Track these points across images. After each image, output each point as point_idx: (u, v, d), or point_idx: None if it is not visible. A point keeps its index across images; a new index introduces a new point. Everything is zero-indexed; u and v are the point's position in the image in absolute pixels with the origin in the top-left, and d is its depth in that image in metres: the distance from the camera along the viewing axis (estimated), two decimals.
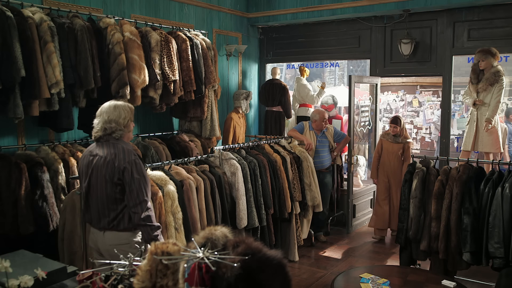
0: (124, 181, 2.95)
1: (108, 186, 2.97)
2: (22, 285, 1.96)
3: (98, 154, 3.02)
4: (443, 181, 4.34)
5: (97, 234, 3.07)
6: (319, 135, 6.06)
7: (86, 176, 3.07)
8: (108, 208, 3.00)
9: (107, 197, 2.99)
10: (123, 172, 2.94)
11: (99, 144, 3.06)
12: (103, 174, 2.97)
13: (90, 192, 3.07)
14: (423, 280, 3.74)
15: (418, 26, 6.45)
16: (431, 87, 12.32)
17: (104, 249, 3.02)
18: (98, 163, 3.00)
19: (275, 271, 1.42)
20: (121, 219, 3.01)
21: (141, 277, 1.45)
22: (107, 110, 3.03)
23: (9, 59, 3.62)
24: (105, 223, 3.02)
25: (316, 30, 7.35)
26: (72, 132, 4.77)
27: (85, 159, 3.11)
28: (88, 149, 3.17)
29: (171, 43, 4.98)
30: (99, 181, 3.00)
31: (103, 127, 3.00)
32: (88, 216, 3.14)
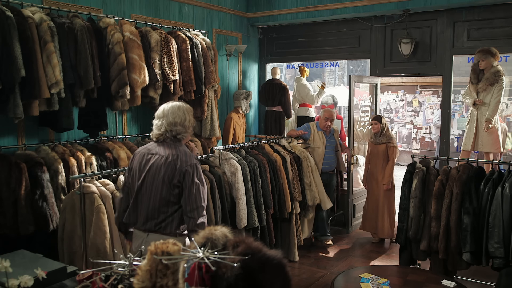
0: (184, 184, 2.90)
1: (165, 187, 2.91)
2: (22, 285, 1.96)
3: (158, 153, 2.97)
4: (443, 181, 4.34)
5: (142, 236, 2.99)
6: (328, 136, 5.97)
7: (140, 175, 2.99)
8: (159, 210, 2.93)
9: (160, 199, 2.92)
10: (184, 175, 2.89)
11: (160, 144, 3.00)
12: (161, 175, 2.91)
13: (141, 191, 2.99)
14: (423, 280, 3.74)
15: (418, 26, 6.45)
16: (431, 87, 12.34)
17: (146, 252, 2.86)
18: (157, 162, 2.93)
19: (275, 271, 1.42)
20: (169, 222, 2.94)
21: (141, 277, 1.45)
22: (171, 111, 2.98)
23: (9, 59, 3.62)
24: (151, 225, 2.95)
25: (316, 30, 7.35)
26: (72, 132, 4.76)
27: (142, 157, 3.03)
28: (145, 147, 3.09)
29: (171, 43, 4.98)
30: (155, 182, 2.93)
31: (168, 129, 2.96)
32: (134, 216, 3.04)
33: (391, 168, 5.89)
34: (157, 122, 3.00)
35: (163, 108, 3.02)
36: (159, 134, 2.97)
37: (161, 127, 2.96)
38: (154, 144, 3.04)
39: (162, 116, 2.99)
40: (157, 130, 2.98)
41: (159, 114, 3.02)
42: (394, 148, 5.93)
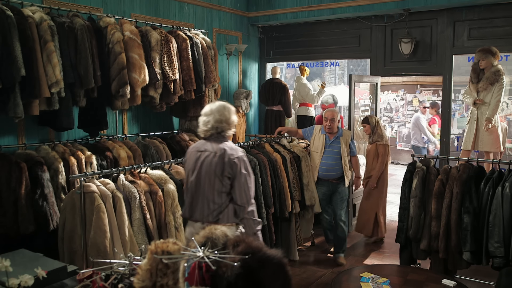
0: (233, 176, 3.17)
1: (217, 180, 3.17)
2: (22, 284, 1.96)
3: (207, 149, 3.24)
4: (443, 180, 4.34)
5: (198, 227, 3.15)
6: (331, 139, 5.34)
7: (193, 171, 3.24)
8: (214, 202, 3.18)
9: (213, 191, 3.18)
10: (232, 167, 3.16)
11: (208, 141, 3.28)
12: (213, 169, 3.17)
13: (197, 187, 3.22)
14: (423, 279, 3.74)
15: (418, 26, 6.45)
16: (431, 86, 12.34)
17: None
18: (208, 158, 3.20)
19: (275, 270, 1.42)
20: (225, 213, 3.19)
21: (141, 276, 1.45)
22: (218, 110, 3.26)
23: (9, 59, 3.62)
24: (208, 217, 3.18)
25: (316, 29, 7.34)
26: (72, 132, 4.76)
27: (192, 155, 3.30)
28: (195, 146, 3.37)
29: (171, 42, 4.98)
30: (208, 176, 3.18)
31: (214, 126, 3.23)
32: (190, 210, 3.28)
33: (379, 166, 5.84)
34: (205, 119, 3.29)
35: (211, 107, 3.31)
36: (206, 130, 3.27)
37: (208, 124, 3.26)
38: (203, 142, 3.32)
39: (210, 114, 3.27)
40: (204, 126, 3.28)
41: (206, 112, 3.30)
42: (383, 146, 5.88)
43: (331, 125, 5.29)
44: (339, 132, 5.38)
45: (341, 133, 5.38)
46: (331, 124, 5.29)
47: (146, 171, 4.07)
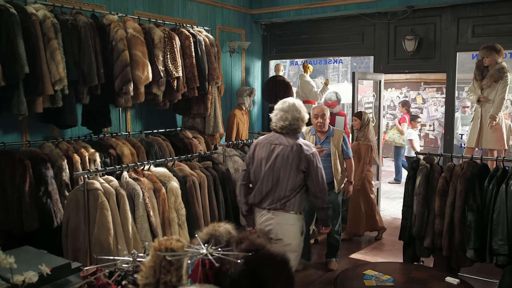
0: (308, 169, 3.40)
1: (292, 173, 3.38)
2: (26, 280, 1.97)
3: (282, 143, 3.43)
4: (447, 178, 4.33)
5: (264, 214, 3.47)
6: (321, 140, 4.88)
7: (267, 162, 3.44)
8: (285, 192, 3.39)
9: (287, 182, 3.39)
10: (308, 161, 3.38)
11: (282, 135, 3.47)
12: (289, 162, 3.38)
13: (269, 177, 3.42)
14: (426, 277, 3.73)
15: (422, 23, 6.42)
16: (435, 84, 12.31)
17: (270, 228, 3.43)
18: (284, 151, 3.40)
19: (278, 268, 1.42)
20: (292, 202, 3.42)
21: (145, 273, 1.45)
22: (295, 108, 3.47)
23: (13, 56, 3.62)
24: (277, 205, 3.41)
25: (319, 27, 7.33)
26: (76, 129, 4.77)
27: (265, 146, 3.49)
28: (266, 138, 3.55)
29: (175, 39, 4.98)
30: (283, 168, 3.39)
31: (292, 123, 3.44)
32: (260, 197, 3.48)
33: (362, 167, 5.74)
34: (282, 114, 3.47)
35: (288, 103, 3.49)
36: (283, 125, 3.45)
37: (286, 120, 3.45)
38: (276, 135, 3.50)
39: (287, 110, 3.46)
40: (281, 122, 3.46)
41: (283, 107, 3.49)
42: (365, 147, 5.76)
43: (323, 122, 4.80)
44: (329, 132, 4.89)
45: (332, 132, 4.90)
46: (323, 121, 4.80)
47: (150, 169, 4.08)
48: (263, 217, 3.49)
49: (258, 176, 3.49)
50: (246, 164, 3.65)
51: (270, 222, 3.44)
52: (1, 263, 1.98)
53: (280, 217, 3.42)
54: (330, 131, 4.90)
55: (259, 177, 3.48)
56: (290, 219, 3.43)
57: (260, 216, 3.52)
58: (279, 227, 3.40)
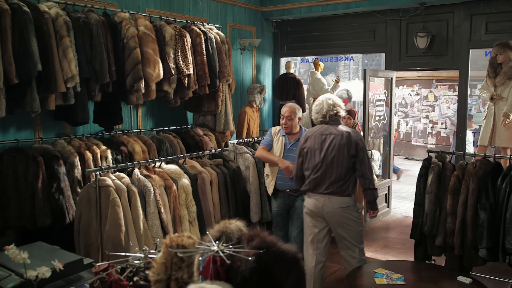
0: (359, 153, 3.71)
1: (345, 158, 3.69)
2: (39, 276, 1.99)
3: (332, 133, 3.76)
4: (459, 176, 4.29)
5: (321, 198, 3.74)
6: (291, 142, 4.37)
7: (320, 152, 3.73)
8: (339, 176, 3.69)
9: (342, 167, 3.69)
10: (357, 146, 3.71)
11: (329, 126, 3.80)
12: (342, 149, 3.69)
13: (324, 164, 3.71)
14: (438, 276, 3.70)
15: (435, 19, 6.36)
16: (447, 81, 12.19)
17: (328, 211, 3.72)
18: (335, 140, 3.71)
19: (289, 265, 1.42)
20: (347, 186, 3.72)
21: (156, 270, 1.46)
22: (327, 97, 3.84)
23: (26, 54, 3.66)
24: (334, 189, 3.70)
25: (330, 24, 7.29)
26: (88, 126, 4.81)
27: (317, 138, 3.78)
28: (316, 130, 3.84)
29: (186, 37, 4.99)
30: (336, 154, 3.69)
31: (330, 109, 3.79)
32: (315, 183, 3.75)
33: None
34: (317, 108, 3.84)
35: (319, 102, 3.86)
36: (323, 114, 3.80)
37: (323, 110, 3.80)
38: (324, 126, 3.82)
39: (320, 103, 3.83)
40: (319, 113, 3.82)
41: (317, 103, 3.87)
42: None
43: (287, 124, 4.33)
44: (301, 133, 4.35)
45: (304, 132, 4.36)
46: (287, 122, 4.33)
47: (161, 166, 4.09)
48: (319, 201, 3.75)
49: (312, 164, 3.77)
50: (297, 157, 3.91)
51: (324, 205, 3.73)
52: (14, 258, 2.01)
53: (334, 200, 3.72)
54: (302, 133, 4.35)
55: (313, 166, 3.76)
56: (344, 201, 3.73)
57: (315, 200, 3.77)
58: (336, 210, 3.71)
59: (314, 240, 3.89)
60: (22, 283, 2.13)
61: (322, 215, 3.77)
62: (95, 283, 1.78)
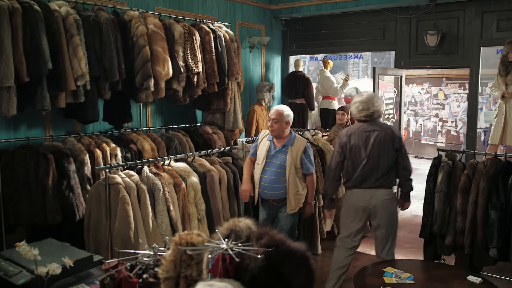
0: (400, 148, 3.92)
1: (390, 152, 3.88)
2: (50, 272, 2.00)
3: (376, 130, 3.90)
4: (470, 175, 4.25)
5: (368, 192, 3.89)
6: (277, 148, 4.07)
7: (365, 148, 3.88)
8: (385, 170, 3.88)
9: (387, 162, 3.88)
10: (399, 141, 3.93)
11: (370, 123, 3.93)
12: (386, 144, 3.87)
13: (369, 159, 3.86)
14: (448, 275, 3.68)
15: (445, 17, 6.31)
16: (457, 80, 12.10)
17: (375, 204, 3.88)
18: (380, 136, 3.87)
19: (298, 264, 1.41)
20: (391, 179, 3.94)
21: (166, 267, 1.46)
22: (376, 99, 3.99)
23: (37, 52, 3.69)
24: (380, 182, 3.88)
25: (340, 22, 7.26)
26: (97, 124, 4.83)
27: (361, 135, 3.91)
28: (357, 128, 3.95)
29: (195, 35, 5.00)
30: (381, 150, 3.86)
31: (375, 112, 3.93)
32: (362, 179, 3.90)
33: None
34: (364, 105, 3.92)
35: (367, 96, 3.98)
36: (368, 114, 3.92)
37: (369, 110, 3.91)
38: (365, 124, 3.93)
39: (367, 101, 3.92)
40: (365, 111, 3.91)
41: (363, 100, 3.94)
42: None
43: (273, 127, 4.02)
44: (289, 139, 4.09)
45: (292, 140, 4.09)
46: (273, 125, 4.02)
47: (170, 164, 4.11)
48: (367, 194, 3.90)
49: (357, 161, 3.90)
50: (339, 154, 3.98)
51: (372, 198, 3.88)
52: (25, 255, 2.03)
53: (381, 192, 3.89)
54: (290, 138, 4.09)
55: (358, 162, 3.90)
56: (389, 193, 3.95)
57: (363, 194, 3.92)
58: (382, 202, 3.88)
59: (351, 233, 4.04)
60: (33, 279, 2.14)
61: (368, 208, 3.91)
62: (105, 280, 1.79)
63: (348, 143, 3.94)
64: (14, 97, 3.64)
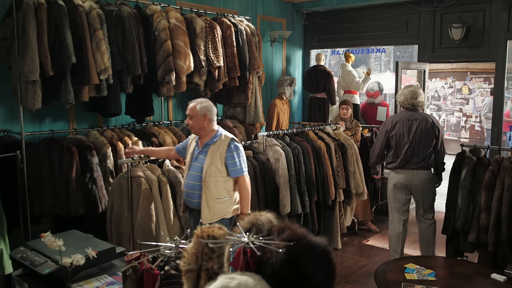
0: (438, 135, 4.49)
1: (430, 139, 4.44)
2: (74, 263, 2.04)
3: (417, 118, 4.46)
4: (494, 171, 4.17)
5: (410, 173, 4.47)
6: (200, 148, 3.57)
7: (409, 134, 4.43)
8: (425, 154, 4.44)
9: (427, 147, 4.44)
10: (438, 129, 4.50)
11: (413, 112, 4.48)
12: (428, 132, 4.42)
13: (412, 145, 4.42)
14: (471, 272, 3.63)
15: (470, 10, 6.17)
16: (482, 74, 11.86)
17: (416, 183, 4.47)
18: (423, 125, 4.43)
19: (320, 258, 1.41)
20: (430, 161, 4.50)
21: (187, 260, 1.47)
22: (421, 92, 4.56)
23: (61, 47, 3.74)
24: (421, 164, 4.45)
25: (362, 15, 7.18)
26: (120, 117, 4.89)
27: (404, 123, 4.47)
28: (401, 116, 4.51)
29: (216, 29, 5.00)
30: (423, 137, 4.42)
31: (420, 103, 4.53)
32: (405, 161, 4.47)
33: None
34: (412, 95, 4.48)
35: (414, 88, 4.57)
36: (414, 103, 4.49)
37: (416, 99, 4.48)
38: (409, 113, 4.49)
39: (414, 92, 4.50)
40: (413, 100, 4.48)
41: (411, 90, 4.54)
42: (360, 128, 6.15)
43: (189, 123, 3.56)
44: (212, 137, 3.52)
45: (215, 139, 3.52)
46: (188, 122, 3.55)
47: None
48: (409, 175, 4.48)
49: (401, 145, 4.46)
50: (384, 139, 4.56)
51: (413, 178, 4.46)
52: (50, 245, 2.07)
53: (422, 173, 4.47)
54: (213, 136, 3.52)
55: (402, 146, 4.46)
56: (428, 174, 4.53)
57: (405, 175, 4.50)
58: (423, 182, 4.46)
59: (400, 207, 4.65)
60: (57, 270, 2.19)
61: (410, 186, 4.51)
62: (127, 272, 1.81)
63: (393, 130, 4.50)
64: (39, 91, 3.70)
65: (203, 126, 3.50)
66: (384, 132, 4.59)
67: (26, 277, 2.41)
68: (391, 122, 4.55)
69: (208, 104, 3.56)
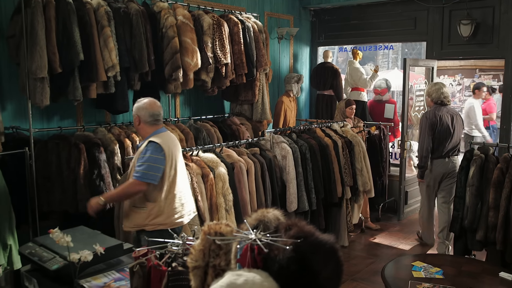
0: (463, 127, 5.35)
1: (460, 130, 5.15)
2: (82, 259, 2.05)
3: (454, 112, 5.11)
4: (503, 169, 4.15)
5: (449, 160, 5.07)
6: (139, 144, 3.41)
7: (451, 126, 5.03)
8: (457, 143, 5.10)
9: (459, 137, 5.12)
10: (462, 122, 5.24)
11: (446, 107, 5.10)
12: (459, 124, 5.12)
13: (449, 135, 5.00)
14: (479, 271, 3.61)
15: (479, 6, 6.12)
16: (491, 71, 11.76)
17: (453, 168, 5.04)
18: (456, 117, 5.07)
19: (327, 255, 1.40)
20: (458, 149, 5.14)
21: (195, 256, 1.47)
22: (445, 88, 5.12)
23: (69, 44, 3.75)
24: (453, 152, 5.08)
25: (369, 12, 7.14)
26: (127, 114, 4.90)
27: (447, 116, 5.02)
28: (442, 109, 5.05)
29: (223, 26, 5.00)
30: (457, 128, 5.06)
31: (448, 97, 5.13)
32: (442, 150, 5.03)
33: None
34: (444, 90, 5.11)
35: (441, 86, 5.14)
36: (447, 98, 5.12)
37: (447, 95, 5.11)
38: (446, 107, 5.08)
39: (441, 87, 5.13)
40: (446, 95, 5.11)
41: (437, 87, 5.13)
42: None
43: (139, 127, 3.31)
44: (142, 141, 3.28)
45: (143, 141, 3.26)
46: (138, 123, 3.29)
47: (198, 154, 4.14)
48: (447, 163, 5.07)
49: (444, 136, 5.00)
50: (431, 132, 4.99)
51: (450, 164, 5.06)
52: (59, 241, 2.08)
53: (455, 159, 5.09)
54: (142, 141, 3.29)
55: (446, 137, 5.00)
56: (459, 159, 4.93)
57: (444, 162, 5.07)
58: (455, 168, 4.96)
59: (432, 193, 5.22)
60: (65, 265, 2.20)
61: (446, 173, 5.07)
62: (134, 268, 1.82)
63: (439, 122, 4.99)
64: (47, 88, 3.72)
65: (137, 128, 3.27)
66: (430, 126, 5.00)
67: (35, 272, 2.43)
68: (434, 116, 5.00)
69: (141, 104, 3.24)
